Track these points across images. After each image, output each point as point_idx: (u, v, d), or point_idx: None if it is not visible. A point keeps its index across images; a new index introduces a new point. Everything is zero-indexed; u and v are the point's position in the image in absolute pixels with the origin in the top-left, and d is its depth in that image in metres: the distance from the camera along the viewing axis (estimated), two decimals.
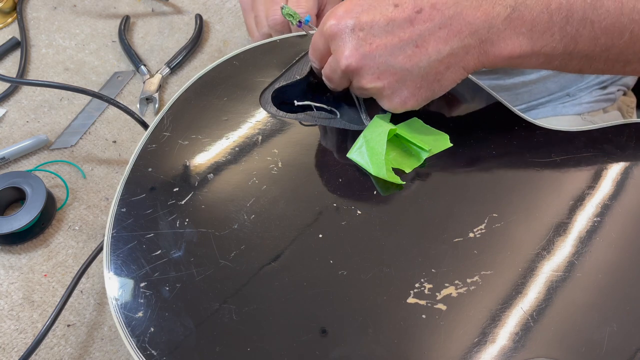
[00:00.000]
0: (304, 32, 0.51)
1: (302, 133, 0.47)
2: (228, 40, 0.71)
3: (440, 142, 0.45)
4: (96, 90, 0.65)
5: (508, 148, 0.45)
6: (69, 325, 0.49)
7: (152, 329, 0.37)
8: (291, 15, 0.50)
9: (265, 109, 0.48)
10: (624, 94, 0.71)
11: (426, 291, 0.38)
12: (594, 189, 0.43)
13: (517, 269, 0.39)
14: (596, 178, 0.43)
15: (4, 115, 0.64)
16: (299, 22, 0.50)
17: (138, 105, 0.65)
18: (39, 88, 0.66)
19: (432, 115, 0.47)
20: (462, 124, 0.47)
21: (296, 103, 0.50)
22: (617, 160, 0.44)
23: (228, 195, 0.43)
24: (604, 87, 0.68)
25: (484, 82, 0.49)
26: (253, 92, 0.49)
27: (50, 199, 0.56)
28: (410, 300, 0.38)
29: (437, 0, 0.40)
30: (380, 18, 0.40)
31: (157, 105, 0.65)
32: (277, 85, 0.50)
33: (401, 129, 0.45)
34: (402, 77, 0.41)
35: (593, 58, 0.41)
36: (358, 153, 0.44)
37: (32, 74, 0.68)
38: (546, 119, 0.66)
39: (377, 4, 0.41)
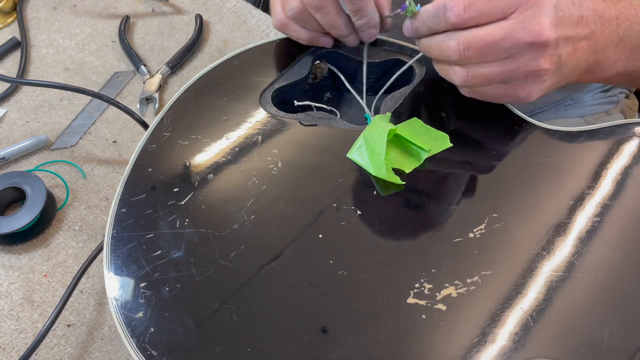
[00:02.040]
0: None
1: (302, 133, 0.47)
2: (228, 40, 0.71)
3: (440, 142, 0.45)
4: (96, 90, 0.65)
5: (508, 148, 0.45)
6: (69, 325, 0.49)
7: (152, 329, 0.37)
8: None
9: (265, 109, 0.48)
10: (626, 97, 0.71)
11: (426, 291, 0.38)
12: (594, 189, 0.43)
13: (517, 269, 0.39)
14: (596, 178, 0.43)
15: (4, 115, 0.64)
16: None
17: (138, 105, 0.65)
18: (39, 88, 0.66)
19: (432, 115, 0.47)
20: (462, 124, 0.47)
21: (296, 103, 0.50)
22: (617, 160, 0.44)
23: (228, 196, 0.43)
24: (606, 90, 0.67)
25: None
26: (253, 92, 0.49)
27: (50, 199, 0.56)
28: (410, 300, 0.38)
29: (589, 14, 0.41)
30: (569, 7, 0.40)
31: (157, 105, 0.65)
32: (277, 85, 0.50)
33: (401, 129, 0.45)
34: (557, 68, 0.41)
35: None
36: (358, 153, 0.44)
37: (32, 74, 0.68)
38: (549, 121, 0.66)
39: None
